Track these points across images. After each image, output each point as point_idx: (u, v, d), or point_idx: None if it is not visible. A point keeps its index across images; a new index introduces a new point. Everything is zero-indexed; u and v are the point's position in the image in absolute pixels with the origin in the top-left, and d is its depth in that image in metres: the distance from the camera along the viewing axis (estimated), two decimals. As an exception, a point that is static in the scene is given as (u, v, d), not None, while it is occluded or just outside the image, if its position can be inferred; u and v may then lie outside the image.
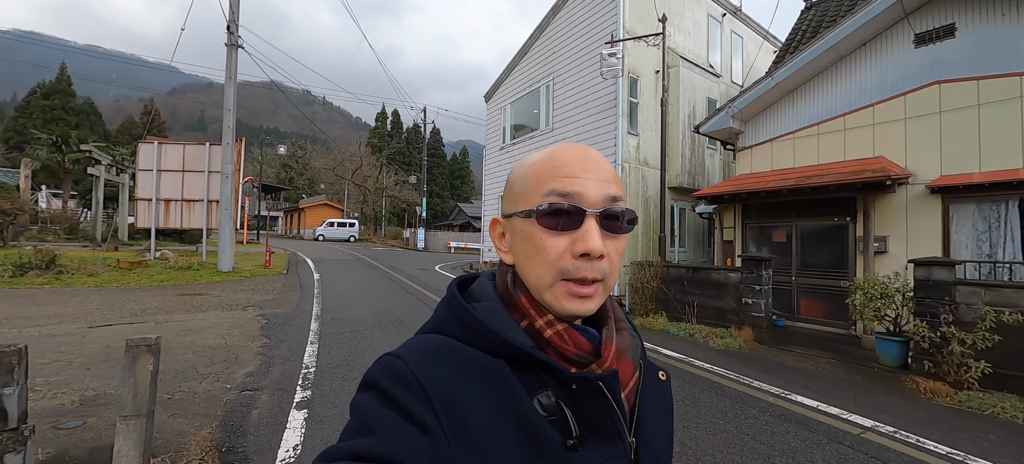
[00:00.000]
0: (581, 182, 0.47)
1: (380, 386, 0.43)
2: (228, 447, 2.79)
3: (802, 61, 6.92)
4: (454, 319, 0.49)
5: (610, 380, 0.46)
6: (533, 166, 0.50)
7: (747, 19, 12.98)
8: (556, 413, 0.44)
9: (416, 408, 0.40)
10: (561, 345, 0.47)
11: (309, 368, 4.32)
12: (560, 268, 0.46)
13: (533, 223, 0.47)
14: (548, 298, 0.47)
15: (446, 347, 0.46)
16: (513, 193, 0.51)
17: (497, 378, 0.44)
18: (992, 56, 5.47)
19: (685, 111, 10.14)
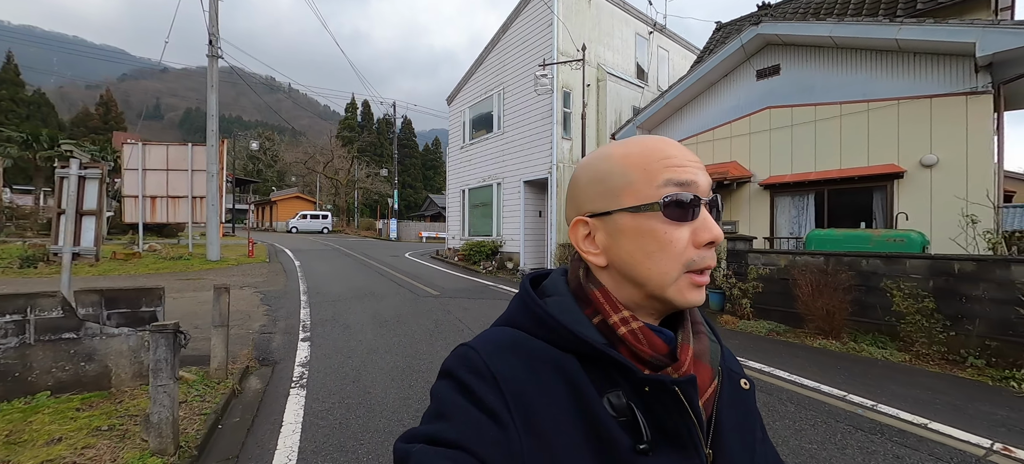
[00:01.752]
0: (693, 171, 0.46)
1: (455, 375, 0.44)
2: (263, 358, 4.52)
3: (684, 86, 8.97)
4: (525, 313, 0.49)
5: (687, 386, 0.43)
6: (630, 157, 0.47)
7: (672, 35, 15.08)
8: (626, 414, 0.43)
9: (488, 398, 0.41)
10: (635, 344, 0.46)
11: (305, 321, 6.03)
12: (686, 260, 0.45)
13: (655, 217, 0.45)
14: (672, 293, 0.46)
15: (518, 340, 0.47)
16: (608, 188, 0.48)
17: (567, 373, 0.44)
18: (802, 90, 7.63)
19: (612, 118, 12.13)
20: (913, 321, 4.54)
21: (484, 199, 14.41)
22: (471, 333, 5.52)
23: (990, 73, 5.79)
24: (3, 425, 2.76)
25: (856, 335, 5.11)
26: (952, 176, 6.01)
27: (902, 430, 3.06)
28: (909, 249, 5.16)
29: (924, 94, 6.25)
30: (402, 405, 3.39)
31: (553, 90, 10.58)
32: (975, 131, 5.85)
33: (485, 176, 14.25)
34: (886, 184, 6.58)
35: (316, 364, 4.31)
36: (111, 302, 3.37)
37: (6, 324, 3.05)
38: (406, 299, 7.82)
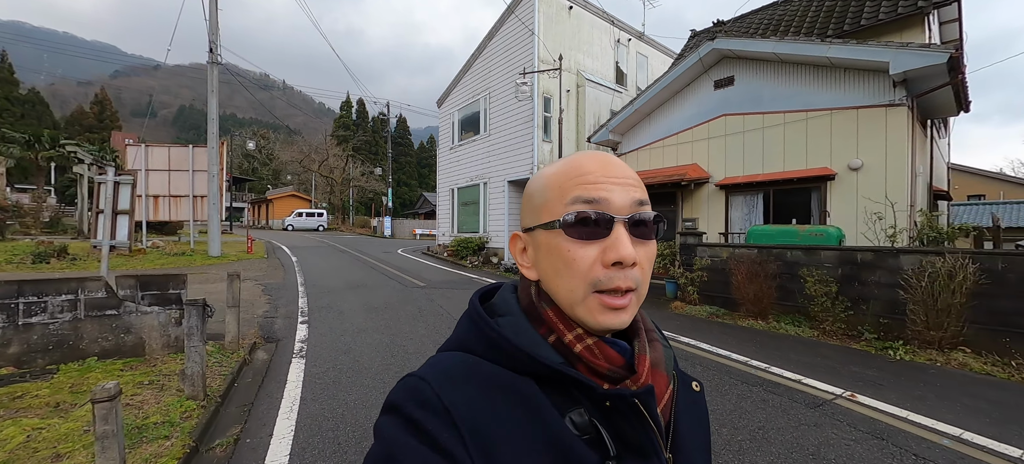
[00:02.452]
0: (606, 188, 0.45)
1: (404, 411, 0.41)
2: (267, 336, 5.26)
3: (651, 94, 9.75)
4: (478, 336, 0.47)
5: (646, 396, 0.44)
6: (553, 176, 0.48)
7: (651, 40, 15.87)
8: (590, 432, 0.42)
9: (442, 435, 0.39)
10: (592, 360, 0.45)
11: (303, 308, 6.77)
12: (591, 280, 0.44)
13: (559, 235, 0.45)
14: (580, 313, 0.45)
15: (470, 366, 0.45)
16: (533, 206, 0.49)
17: (526, 398, 0.42)
18: (753, 100, 8.43)
19: (590, 121, 12.91)
20: (821, 303, 5.36)
21: (472, 198, 15.17)
22: (451, 317, 6.28)
23: (906, 88, 6.61)
24: (66, 379, 3.51)
25: (780, 316, 5.94)
26: (874, 178, 6.83)
27: (778, 383, 3.87)
28: (827, 242, 5.98)
29: (852, 105, 7.07)
30: (384, 369, 4.15)
31: (533, 97, 11.34)
32: (893, 139, 6.67)
33: (472, 176, 15.01)
34: (821, 185, 7.41)
35: (313, 341, 5.07)
36: (144, 285, 4.11)
37: (62, 302, 3.79)
38: (395, 290, 8.57)
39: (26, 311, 3.65)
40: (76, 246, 12.96)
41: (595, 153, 0.50)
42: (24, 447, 2.63)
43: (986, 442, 2.86)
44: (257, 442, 2.86)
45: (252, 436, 2.94)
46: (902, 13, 8.32)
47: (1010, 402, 3.53)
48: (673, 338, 5.30)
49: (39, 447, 2.63)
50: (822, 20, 10.06)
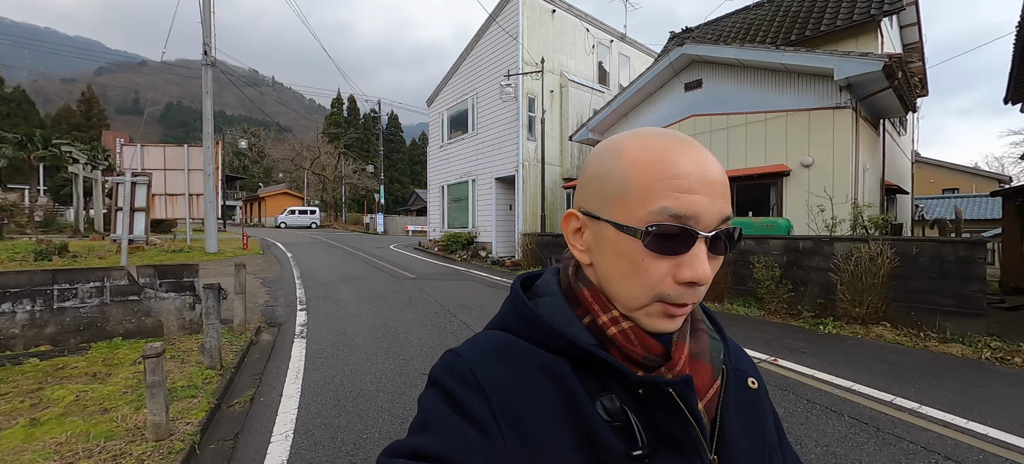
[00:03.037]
0: (698, 201, 0.41)
1: (441, 383, 0.43)
2: (270, 322, 5.80)
3: (627, 95, 10.36)
4: (515, 315, 0.48)
5: (682, 387, 0.41)
6: (636, 164, 0.42)
7: (633, 42, 16.47)
8: (620, 419, 0.41)
9: (473, 405, 0.40)
10: (626, 345, 0.44)
11: (301, 298, 7.30)
12: (659, 292, 0.42)
13: (635, 243, 0.41)
14: (639, 316, 0.44)
15: (506, 343, 0.45)
16: (605, 191, 0.44)
17: (557, 377, 0.42)
18: (719, 101, 9.07)
19: (574, 120, 13.50)
20: (766, 286, 6.02)
21: (461, 194, 15.71)
22: (439, 304, 6.85)
23: (851, 92, 7.27)
24: (98, 355, 4.03)
25: (734, 299, 6.60)
26: (823, 174, 7.50)
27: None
28: (776, 232, 6.64)
29: (805, 107, 7.72)
30: (377, 346, 4.72)
31: (518, 98, 11.90)
32: (839, 139, 7.34)
33: (461, 173, 15.55)
34: (777, 180, 8.07)
35: (313, 324, 5.62)
36: (162, 274, 4.63)
37: (91, 289, 4.30)
38: (387, 281, 9.12)
39: (60, 296, 4.16)
40: (76, 244, 13.30)
41: (689, 144, 0.43)
42: (75, 404, 3.17)
43: (868, 391, 3.51)
44: (269, 401, 3.42)
45: (265, 396, 3.50)
46: (856, 20, 8.99)
47: (905, 364, 4.19)
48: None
49: (88, 405, 3.17)
50: (787, 25, 10.73)
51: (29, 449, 2.60)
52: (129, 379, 3.61)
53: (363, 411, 3.20)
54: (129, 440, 2.69)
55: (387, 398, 3.42)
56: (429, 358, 4.31)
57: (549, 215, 12.79)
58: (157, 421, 2.67)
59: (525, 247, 11.18)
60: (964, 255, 4.86)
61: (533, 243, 10.95)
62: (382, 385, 3.67)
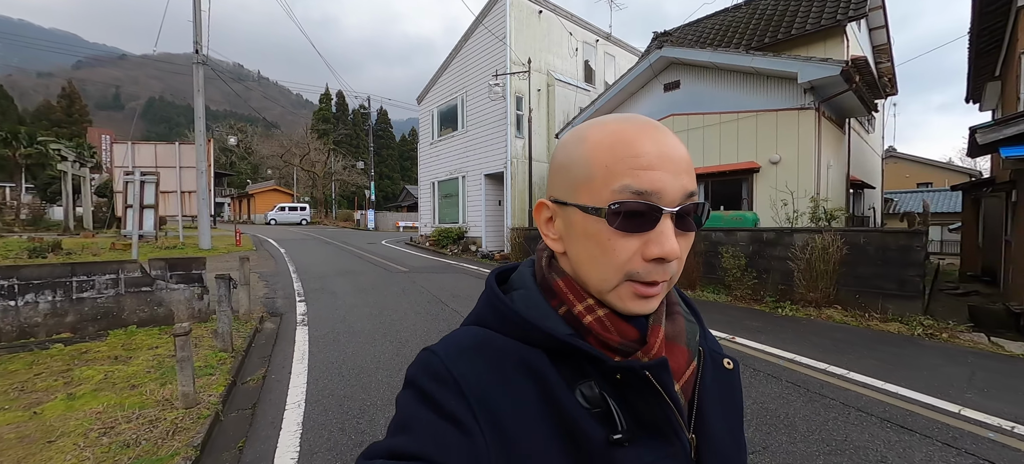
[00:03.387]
0: (659, 177, 0.41)
1: (417, 383, 0.43)
2: (272, 312, 6.15)
3: (609, 96, 10.82)
4: (490, 309, 0.48)
5: (658, 369, 0.42)
6: (598, 149, 0.43)
7: (618, 41, 16.93)
8: (600, 405, 0.42)
9: (450, 404, 0.40)
10: (602, 333, 0.44)
11: (299, 290, 7.65)
12: (628, 271, 0.42)
13: (601, 223, 0.42)
14: (610, 299, 0.44)
15: (482, 339, 0.45)
16: (570, 178, 0.45)
17: (534, 370, 0.43)
18: (696, 101, 9.58)
19: (560, 118, 13.94)
20: (733, 274, 6.55)
21: (451, 190, 16.07)
22: (431, 295, 7.26)
23: (814, 94, 7.82)
24: (117, 341, 4.37)
25: (705, 286, 7.13)
26: (789, 171, 8.06)
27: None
28: (744, 225, 7.17)
29: (773, 108, 8.26)
30: (374, 332, 5.13)
31: (506, 97, 12.29)
32: (803, 137, 7.89)
33: (451, 170, 15.90)
34: (748, 176, 8.62)
35: (313, 314, 5.99)
36: (172, 267, 4.96)
37: (107, 280, 4.63)
38: (380, 274, 9.50)
39: (78, 288, 4.49)
40: (69, 242, 13.38)
41: (648, 125, 0.44)
42: (104, 382, 3.54)
43: (807, 361, 4.03)
44: (280, 378, 3.81)
45: (275, 374, 3.90)
46: (824, 25, 9.56)
47: (847, 340, 4.74)
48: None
49: (116, 382, 3.54)
50: (762, 28, 11.28)
51: (72, 417, 2.97)
52: (150, 361, 3.98)
53: (366, 384, 3.62)
54: (160, 409, 3.07)
55: (386, 374, 3.84)
56: (423, 341, 4.73)
57: (537, 210, 13.27)
58: (186, 391, 3.06)
59: (514, 241, 11.63)
60: (904, 244, 5.42)
61: (521, 237, 11.41)
62: (381, 364, 4.08)
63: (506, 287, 0.52)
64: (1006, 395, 3.36)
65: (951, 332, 4.86)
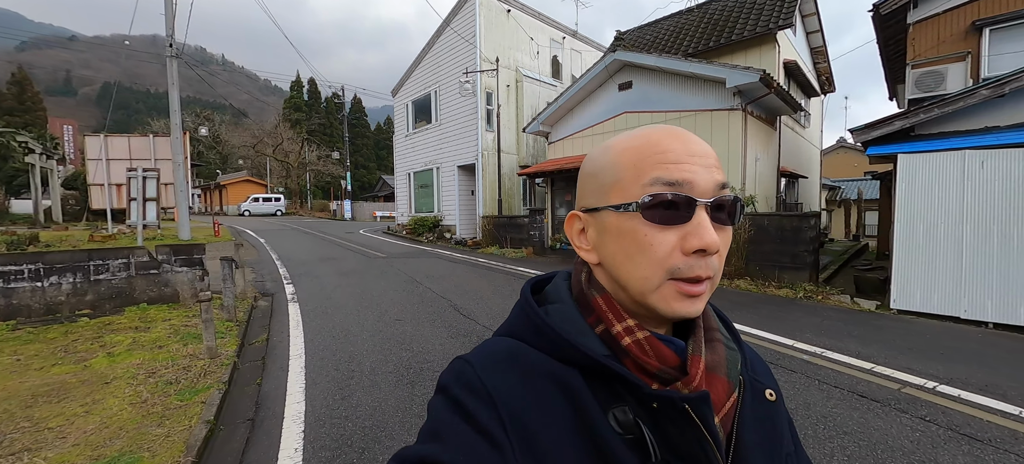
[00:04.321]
0: (689, 169, 0.42)
1: (450, 391, 0.43)
2: (263, 293, 6.91)
3: (570, 93, 11.79)
4: (525, 323, 0.47)
5: (699, 403, 0.41)
6: (626, 152, 0.45)
7: (584, 38, 17.88)
8: (634, 432, 0.41)
9: (483, 417, 0.40)
10: (641, 357, 0.43)
11: (285, 275, 8.37)
12: (669, 267, 0.42)
13: (635, 218, 0.42)
14: (653, 300, 0.43)
15: (516, 353, 0.45)
16: (600, 184, 0.46)
17: (568, 388, 0.42)
18: (647, 101, 10.65)
19: (528, 113, 14.83)
20: (667, 252, 7.70)
21: (426, 181, 16.81)
22: (407, 276, 8.12)
23: (742, 97, 8.99)
24: (134, 315, 5.09)
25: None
26: (722, 164, 9.24)
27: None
28: (680, 211, 8.32)
29: (708, 108, 9.41)
30: (358, 306, 5.98)
31: (477, 93, 13.09)
32: (733, 135, 9.07)
33: (426, 161, 16.62)
34: (688, 168, 9.78)
35: (301, 293, 6.78)
36: (176, 252, 5.67)
37: (119, 264, 5.31)
38: (360, 260, 10.27)
39: (95, 271, 5.17)
40: (46, 235, 13.48)
41: (674, 129, 0.45)
42: (134, 344, 4.30)
43: (703, 316, 5.16)
44: (280, 339, 4.65)
45: (276, 337, 4.74)
46: (758, 33, 10.78)
47: (742, 303, 5.91)
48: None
49: (143, 344, 4.31)
50: (708, 32, 12.44)
51: (117, 367, 3.76)
52: (167, 329, 4.74)
53: (353, 342, 4.51)
54: (189, 360, 3.89)
55: (370, 335, 4.74)
56: (401, 312, 5.63)
57: (506, 199, 14.19)
58: (210, 345, 3.89)
59: (484, 228, 12.56)
60: (796, 226, 6.64)
61: (491, 224, 12.35)
62: (365, 329, 4.97)
63: (540, 298, 0.51)
64: (837, 335, 4.56)
65: (825, 295, 6.12)
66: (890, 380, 3.45)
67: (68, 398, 3.23)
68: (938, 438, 2.62)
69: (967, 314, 5.07)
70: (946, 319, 5.17)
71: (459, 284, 7.32)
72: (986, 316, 4.96)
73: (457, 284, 7.32)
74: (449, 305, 5.89)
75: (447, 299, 6.22)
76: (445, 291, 6.76)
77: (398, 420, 2.91)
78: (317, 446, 2.62)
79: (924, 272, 5.39)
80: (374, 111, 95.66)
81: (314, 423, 2.89)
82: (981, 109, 5.71)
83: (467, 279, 7.81)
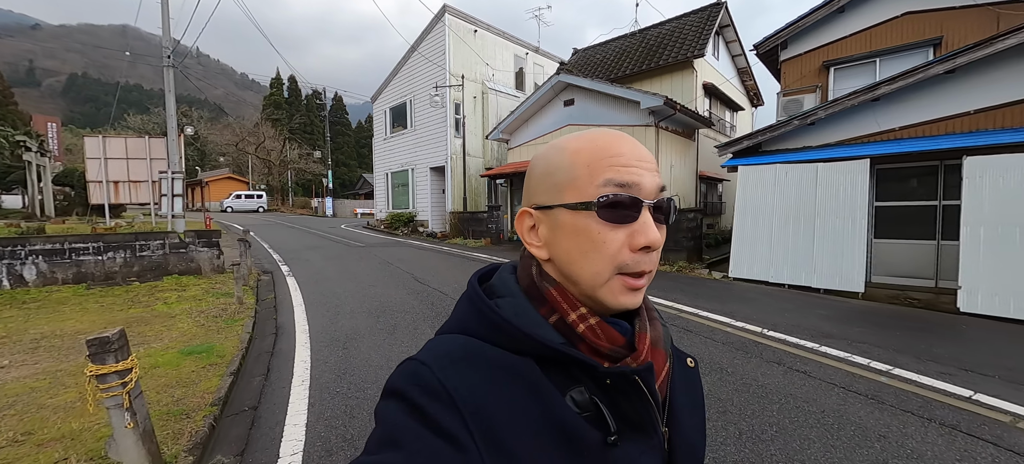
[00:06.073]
0: (637, 172, 0.46)
1: (406, 395, 0.42)
2: (263, 271, 8.66)
3: (527, 105, 13.78)
4: (478, 317, 0.48)
5: (646, 374, 0.45)
6: (580, 154, 0.47)
7: (546, 53, 19.91)
8: (590, 409, 0.44)
9: (444, 419, 0.40)
10: (594, 340, 0.46)
11: (279, 260, 10.11)
12: (619, 263, 0.45)
13: (590, 216, 0.45)
14: (602, 294, 0.46)
15: (471, 349, 0.45)
16: (554, 183, 0.48)
17: (527, 379, 0.43)
18: (587, 116, 12.71)
19: (493, 121, 16.75)
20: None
21: (403, 181, 18.59)
22: (382, 260, 9.94)
23: (654, 116, 11.13)
24: (172, 281, 6.81)
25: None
26: (641, 169, 11.38)
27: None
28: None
29: (631, 124, 11.53)
30: (341, 277, 7.81)
31: (446, 104, 14.96)
32: (647, 147, 11.20)
33: (403, 163, 18.39)
34: (616, 173, 11.89)
35: (295, 271, 8.56)
36: (199, 236, 7.39)
37: (157, 244, 7.02)
38: (342, 248, 12.04)
39: (140, 249, 6.87)
40: (51, 227, 14.71)
41: (622, 134, 0.49)
42: (179, 299, 6.06)
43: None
44: (284, 297, 6.47)
45: (280, 296, 6.55)
46: (680, 59, 13.00)
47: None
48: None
49: (186, 299, 6.07)
50: (644, 56, 14.63)
51: (175, 309, 5.54)
52: (200, 291, 6.50)
53: (338, 297, 6.38)
54: (224, 305, 5.70)
55: (350, 294, 6.60)
56: (375, 281, 7.49)
57: (472, 197, 16.11)
58: (239, 296, 5.70)
59: (452, 222, 14.48)
60: (677, 219, 8.77)
61: (457, 219, 14.28)
62: (347, 291, 6.82)
63: (487, 291, 0.52)
64: (684, 293, 6.65)
65: (691, 269, 8.27)
66: (714, 321, 5.54)
67: (150, 324, 5.01)
68: (722, 347, 4.69)
69: (773, 279, 7.26)
70: (760, 283, 7.36)
71: (423, 264, 9.22)
72: (783, 280, 7.17)
73: (421, 264, 9.22)
74: (411, 277, 7.79)
75: (411, 273, 8.11)
76: (410, 268, 8.65)
77: (367, 331, 4.81)
78: (318, 343, 4.49)
79: (749, 251, 7.58)
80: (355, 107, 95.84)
81: (315, 334, 4.76)
82: (797, 133, 7.95)
83: (430, 261, 9.71)
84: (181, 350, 4.08)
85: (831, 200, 6.81)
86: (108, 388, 2.15)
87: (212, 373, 3.58)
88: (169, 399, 3.11)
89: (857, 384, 3.34)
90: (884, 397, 3.13)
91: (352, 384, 3.40)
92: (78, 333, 4.58)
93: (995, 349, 4.24)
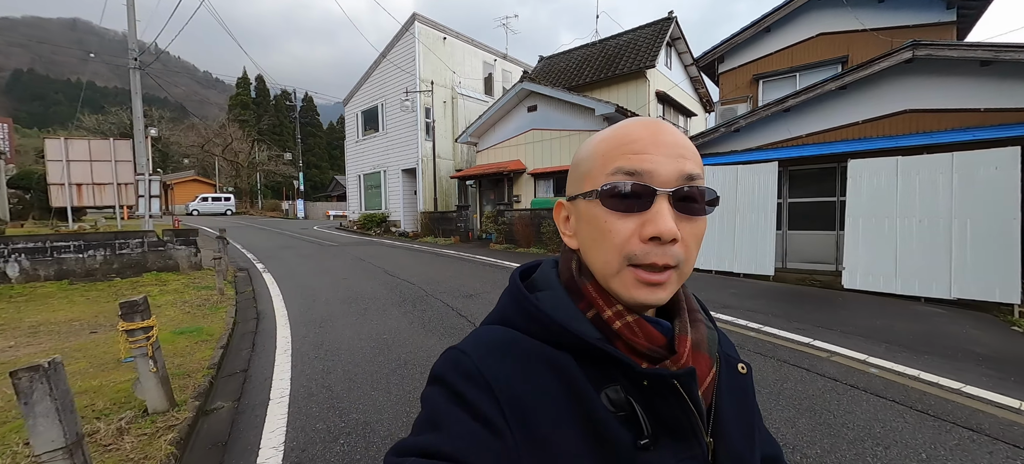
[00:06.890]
0: (651, 158, 0.44)
1: (447, 381, 0.44)
2: (240, 269, 9.10)
3: (494, 110, 14.58)
4: (517, 310, 0.49)
5: (686, 378, 0.44)
6: (600, 144, 0.48)
7: (514, 59, 20.78)
8: (625, 409, 0.43)
9: (482, 404, 0.41)
10: (631, 338, 0.46)
11: (253, 259, 10.51)
12: (627, 253, 0.44)
13: (596, 204, 0.45)
14: (615, 286, 0.46)
15: (510, 340, 0.46)
16: (578, 174, 0.49)
17: (563, 372, 0.44)
18: (548, 121, 13.62)
19: (463, 124, 17.47)
20: (549, 235, 10.64)
21: (375, 182, 19.03)
22: (354, 258, 10.49)
23: (608, 121, 12.13)
24: (152, 277, 7.22)
25: (537, 246, 11.19)
26: (597, 170, 12.38)
27: (495, 265, 8.88)
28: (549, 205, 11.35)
29: (586, 129, 12.51)
30: (314, 273, 8.36)
31: (416, 109, 15.58)
32: (604, 149, 12.21)
33: (375, 165, 18.84)
34: (576, 174, 12.86)
35: (270, 267, 9.04)
36: (176, 235, 7.80)
37: (136, 243, 7.41)
38: (316, 248, 12.48)
39: (119, 247, 7.24)
40: (11, 230, 14.40)
41: (648, 120, 0.47)
42: (161, 292, 6.52)
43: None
44: (263, 291, 7.00)
45: (259, 290, 7.08)
46: (633, 70, 14.10)
47: (582, 264, 8.90)
48: (487, 261, 10.19)
49: (169, 293, 6.54)
50: (603, 65, 15.70)
51: (160, 300, 6.02)
52: (180, 285, 6.95)
53: (314, 290, 6.98)
54: (206, 296, 6.21)
55: (324, 286, 7.20)
56: (347, 274, 8.08)
57: (442, 198, 16.78)
58: (221, 287, 6.24)
59: (423, 222, 15.11)
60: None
61: (428, 218, 14.94)
62: (322, 284, 7.41)
63: (528, 285, 0.53)
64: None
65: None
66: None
67: (138, 313, 5.51)
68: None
69: (702, 266, 8.33)
70: (711, 271, 8.40)
71: (393, 260, 9.86)
72: (710, 267, 8.24)
73: (392, 260, 9.86)
74: (382, 271, 8.43)
75: (382, 268, 8.75)
76: (382, 264, 9.28)
77: (341, 315, 5.48)
78: (297, 324, 5.12)
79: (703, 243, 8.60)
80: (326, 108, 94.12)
81: (294, 318, 5.38)
82: (725, 139, 9.07)
83: (400, 257, 10.35)
84: (173, 331, 4.65)
85: (748, 197, 7.91)
86: (136, 341, 2.80)
87: (204, 347, 4.19)
88: (171, 365, 3.71)
89: (731, 337, 4.29)
90: (745, 344, 4.09)
91: (328, 352, 4.09)
92: (72, 320, 5.05)
93: (852, 313, 5.33)
